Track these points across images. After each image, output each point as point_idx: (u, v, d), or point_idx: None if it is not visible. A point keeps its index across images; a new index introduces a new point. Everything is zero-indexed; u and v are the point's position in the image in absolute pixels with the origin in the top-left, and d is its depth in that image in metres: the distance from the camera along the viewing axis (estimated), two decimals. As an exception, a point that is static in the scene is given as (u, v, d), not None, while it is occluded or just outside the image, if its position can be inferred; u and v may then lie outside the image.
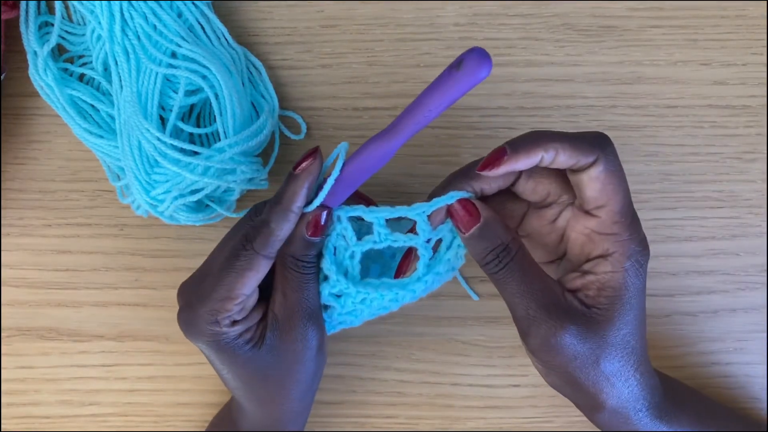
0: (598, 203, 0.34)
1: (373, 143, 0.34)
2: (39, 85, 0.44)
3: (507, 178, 0.36)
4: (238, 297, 0.35)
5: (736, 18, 0.46)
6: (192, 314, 0.36)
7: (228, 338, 0.36)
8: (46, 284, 0.46)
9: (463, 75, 0.31)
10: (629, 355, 0.35)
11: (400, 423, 0.46)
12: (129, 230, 0.46)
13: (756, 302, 0.46)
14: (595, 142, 0.34)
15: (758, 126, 0.46)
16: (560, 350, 0.34)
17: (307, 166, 0.34)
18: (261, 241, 0.34)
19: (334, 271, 0.36)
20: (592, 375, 0.34)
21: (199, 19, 0.44)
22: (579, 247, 0.36)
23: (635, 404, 0.36)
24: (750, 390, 0.46)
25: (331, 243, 0.36)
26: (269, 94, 0.46)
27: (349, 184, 0.35)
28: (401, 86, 0.46)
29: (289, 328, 0.36)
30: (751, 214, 0.46)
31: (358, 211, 0.36)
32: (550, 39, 0.46)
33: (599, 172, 0.33)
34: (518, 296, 0.34)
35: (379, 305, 0.37)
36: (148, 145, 0.41)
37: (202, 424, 0.46)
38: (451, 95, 0.32)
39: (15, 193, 0.46)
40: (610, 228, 0.34)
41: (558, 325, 0.33)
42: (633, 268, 0.34)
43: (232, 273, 0.35)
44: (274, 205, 0.35)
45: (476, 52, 0.31)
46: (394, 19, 0.47)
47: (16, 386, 0.46)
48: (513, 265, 0.34)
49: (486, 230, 0.34)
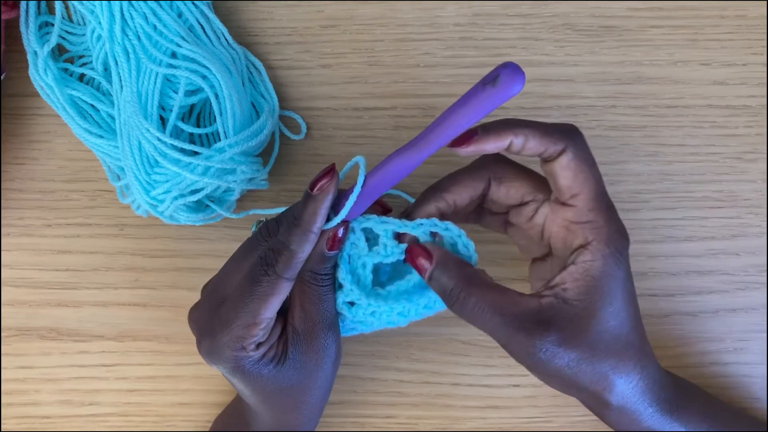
0: (572, 191, 0.34)
1: (399, 156, 0.34)
2: (39, 85, 0.44)
3: (476, 187, 0.37)
4: (263, 322, 0.35)
5: (736, 18, 0.46)
6: (215, 343, 0.35)
7: (252, 360, 0.36)
8: (46, 284, 0.46)
9: (498, 90, 0.31)
10: (625, 348, 0.34)
11: (400, 423, 0.46)
12: (129, 230, 0.46)
13: (756, 302, 0.46)
14: (564, 131, 0.34)
15: (758, 126, 0.46)
16: (549, 361, 0.33)
17: (324, 186, 0.34)
18: (283, 264, 0.34)
19: (349, 280, 0.36)
20: (589, 375, 0.34)
21: (199, 19, 0.44)
22: (561, 241, 0.36)
23: (642, 399, 0.35)
24: (750, 390, 0.46)
25: (346, 251, 0.36)
26: (269, 94, 0.46)
27: (369, 197, 0.35)
28: (401, 86, 0.46)
29: (310, 340, 0.36)
30: (751, 214, 0.46)
31: (371, 222, 0.36)
32: (550, 39, 0.46)
33: (569, 160, 0.34)
34: (493, 326, 0.34)
35: (388, 318, 0.37)
36: (148, 145, 0.41)
37: (203, 424, 0.46)
38: (484, 110, 0.32)
39: (15, 193, 0.46)
40: (587, 216, 0.34)
41: (538, 338, 0.33)
42: (613, 256, 0.34)
43: (254, 299, 0.34)
44: (293, 228, 0.35)
45: (511, 68, 0.31)
46: (394, 19, 0.47)
47: (16, 386, 0.46)
48: (480, 298, 0.34)
49: (441, 268, 0.35)
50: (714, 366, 0.46)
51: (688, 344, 0.46)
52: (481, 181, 0.37)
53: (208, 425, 0.46)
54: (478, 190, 0.37)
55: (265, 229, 0.37)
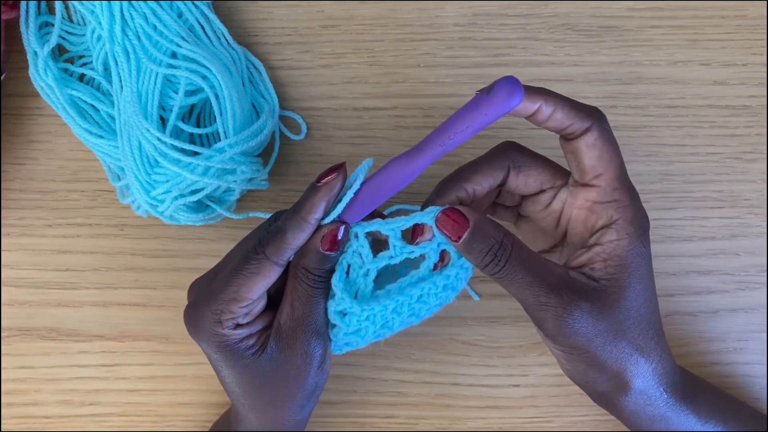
0: (596, 171, 0.34)
1: (396, 163, 0.34)
2: (39, 85, 0.44)
3: (496, 176, 0.36)
4: (244, 300, 0.35)
5: (736, 18, 0.46)
6: (197, 312, 0.36)
7: (230, 341, 0.36)
8: (46, 284, 0.46)
9: (491, 100, 0.31)
10: (647, 328, 0.35)
11: (400, 423, 0.46)
12: (129, 230, 0.46)
13: (756, 302, 0.46)
14: (592, 111, 0.34)
15: (758, 126, 0.46)
16: (578, 330, 0.33)
17: (329, 180, 0.34)
18: (273, 247, 0.35)
19: (341, 288, 0.35)
20: (615, 352, 0.34)
21: (199, 20, 0.44)
22: (582, 223, 0.36)
23: (659, 382, 0.35)
24: (750, 390, 0.46)
25: (346, 260, 0.36)
26: (269, 94, 0.46)
27: (368, 201, 0.35)
28: (401, 86, 0.46)
29: (292, 340, 0.36)
30: (751, 214, 0.46)
31: (375, 225, 0.35)
32: (550, 39, 0.46)
33: (595, 138, 0.34)
34: (526, 288, 0.34)
35: (383, 320, 0.36)
36: (148, 145, 0.41)
37: (202, 424, 0.46)
38: (479, 120, 0.31)
39: (15, 193, 0.46)
40: (612, 195, 0.34)
41: (571, 303, 0.33)
42: (637, 234, 0.34)
43: (241, 276, 0.35)
44: (291, 214, 0.35)
45: (508, 80, 0.31)
46: (394, 19, 0.47)
47: (16, 386, 0.46)
48: (512, 260, 0.34)
49: (477, 233, 0.34)
50: (714, 366, 0.46)
51: (688, 344, 0.46)
52: (501, 170, 0.36)
53: (207, 425, 0.46)
54: (498, 178, 0.36)
55: (273, 216, 0.37)
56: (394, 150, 0.46)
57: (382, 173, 0.34)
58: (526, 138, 0.46)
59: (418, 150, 0.34)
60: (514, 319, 0.46)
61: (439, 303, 0.38)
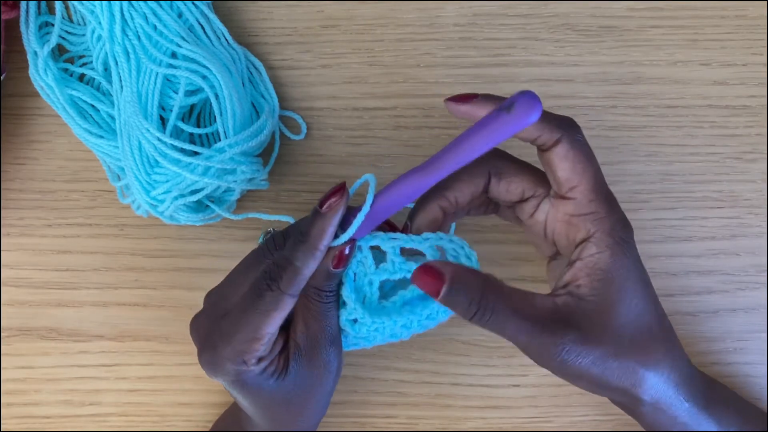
0: (570, 184, 0.34)
1: (409, 179, 0.34)
2: (39, 85, 0.44)
3: (477, 183, 0.36)
4: (265, 337, 0.34)
5: (736, 18, 0.46)
6: (216, 356, 0.35)
7: (253, 374, 0.35)
8: (46, 284, 0.46)
9: (512, 118, 0.30)
10: (650, 340, 0.33)
11: (400, 423, 0.46)
12: (129, 230, 0.46)
13: (756, 302, 0.46)
14: (562, 122, 0.34)
15: (758, 126, 0.46)
16: (574, 361, 0.33)
17: (334, 204, 0.34)
18: (287, 280, 0.34)
19: (353, 298, 0.36)
20: (617, 372, 0.33)
21: (199, 19, 0.44)
22: (564, 236, 0.35)
23: (676, 393, 0.34)
24: (750, 390, 0.46)
25: (351, 269, 0.36)
26: (269, 94, 0.46)
27: (377, 217, 0.35)
28: (401, 86, 0.46)
29: (312, 355, 0.36)
30: (751, 214, 0.46)
31: (377, 239, 0.35)
32: (550, 39, 0.46)
33: (566, 150, 0.33)
34: (518, 333, 0.33)
35: (392, 332, 0.37)
36: (148, 145, 0.41)
37: (203, 424, 0.46)
38: (498, 137, 0.31)
39: (15, 193, 0.46)
40: (587, 207, 0.34)
41: (558, 338, 0.32)
42: (618, 245, 0.33)
43: (257, 314, 0.34)
44: (299, 243, 0.34)
45: (528, 96, 0.30)
46: (394, 19, 0.47)
47: (16, 386, 0.46)
48: (498, 307, 0.33)
49: (455, 285, 0.33)
50: (714, 366, 0.46)
51: (688, 344, 0.46)
52: (482, 177, 0.36)
53: (208, 425, 0.46)
54: (479, 186, 0.36)
55: (271, 242, 0.36)
56: (394, 150, 0.46)
57: (394, 189, 0.34)
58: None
59: (432, 166, 0.33)
60: (514, 319, 0.46)
61: (446, 316, 0.38)
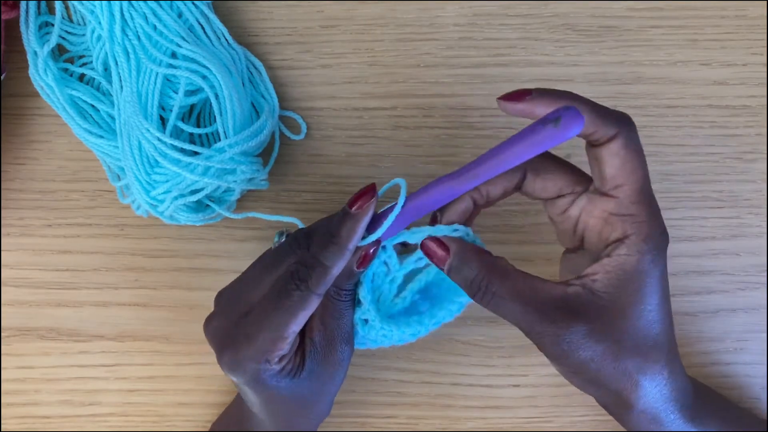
0: (617, 182, 0.33)
1: (444, 184, 0.34)
2: (39, 85, 0.44)
3: (511, 179, 0.36)
4: (290, 336, 0.34)
5: (736, 18, 0.46)
6: (238, 356, 0.35)
7: (273, 372, 0.35)
8: (46, 284, 0.46)
9: (558, 132, 0.30)
10: (653, 349, 0.33)
11: (400, 423, 0.46)
12: (129, 230, 0.46)
13: (756, 302, 0.46)
14: (619, 117, 0.33)
15: (758, 126, 0.46)
16: (575, 353, 0.33)
17: (364, 205, 0.34)
18: (316, 280, 0.34)
19: (369, 299, 0.36)
20: (614, 373, 0.33)
21: (199, 19, 0.44)
22: (597, 234, 0.34)
23: (665, 405, 0.34)
24: (750, 390, 0.46)
25: (371, 270, 0.36)
26: (269, 94, 0.46)
27: (406, 220, 0.35)
28: (401, 86, 0.46)
29: (328, 353, 0.36)
30: (751, 214, 0.46)
31: (402, 237, 0.35)
32: (550, 39, 0.46)
33: (619, 147, 0.33)
34: (518, 315, 0.33)
35: (399, 338, 0.38)
36: (148, 145, 0.41)
37: (203, 424, 0.46)
38: (539, 150, 0.31)
39: (15, 193, 0.46)
40: (629, 209, 0.33)
41: (565, 328, 0.32)
42: (650, 252, 0.33)
43: (283, 312, 0.34)
44: (329, 244, 0.34)
45: (573, 111, 0.30)
46: (394, 19, 0.47)
47: (16, 386, 0.46)
48: (500, 290, 0.33)
49: (460, 261, 0.34)
50: (714, 366, 0.46)
51: (688, 344, 0.46)
52: (517, 172, 0.35)
53: (208, 425, 0.46)
54: (513, 182, 0.36)
55: (295, 243, 0.36)
56: (394, 150, 0.46)
57: (425, 194, 0.34)
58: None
59: (470, 173, 0.33)
60: (514, 319, 0.46)
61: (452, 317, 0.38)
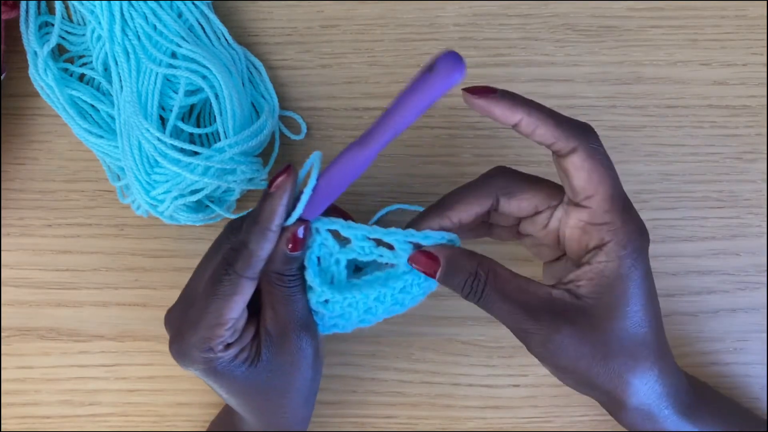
0: (586, 193, 0.34)
1: (348, 152, 0.34)
2: (39, 85, 0.44)
3: (483, 204, 0.36)
4: (228, 322, 0.34)
5: (736, 18, 0.46)
6: (183, 344, 0.35)
7: (224, 362, 0.35)
8: (46, 284, 0.46)
9: (435, 78, 0.30)
10: (641, 348, 0.34)
11: (400, 423, 0.46)
12: (129, 230, 0.46)
13: (756, 302, 0.46)
14: (578, 128, 0.34)
15: (758, 126, 0.46)
16: (562, 353, 0.33)
17: (281, 183, 0.33)
18: (242, 263, 0.34)
19: (318, 282, 0.35)
20: (603, 373, 0.34)
21: (199, 19, 0.44)
22: (576, 242, 0.35)
23: (658, 402, 0.35)
24: (750, 390, 0.46)
25: (314, 254, 0.35)
26: (269, 94, 0.46)
27: (326, 194, 0.34)
28: (401, 86, 0.46)
29: (283, 341, 0.36)
30: (751, 214, 0.46)
31: (336, 225, 0.35)
32: (550, 39, 0.46)
33: (582, 159, 0.33)
34: (506, 314, 0.34)
35: (366, 306, 0.37)
36: (148, 145, 0.41)
37: (203, 424, 0.46)
38: (424, 99, 0.31)
39: (15, 193, 0.46)
40: (602, 217, 0.34)
41: (552, 328, 0.33)
42: (630, 256, 0.33)
43: (217, 299, 0.34)
44: (251, 225, 0.34)
45: (449, 55, 0.30)
46: (394, 19, 0.47)
47: (16, 386, 0.46)
48: (488, 290, 0.34)
49: (450, 268, 0.34)
50: (714, 366, 0.46)
51: (688, 344, 0.46)
52: (489, 198, 0.36)
53: (207, 425, 0.46)
54: (485, 206, 0.36)
55: (229, 228, 0.36)
56: (394, 150, 0.46)
57: (336, 165, 0.34)
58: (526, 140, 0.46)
59: (368, 136, 0.33)
60: (514, 319, 0.46)
61: (422, 292, 0.37)
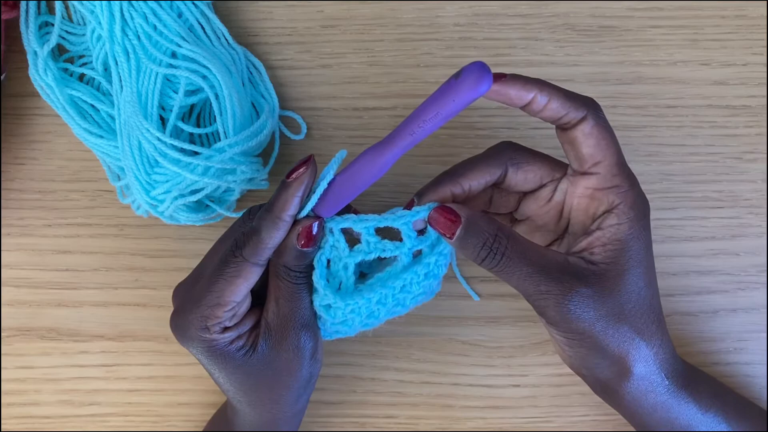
0: (595, 159, 0.35)
1: (368, 154, 0.34)
2: (39, 85, 0.44)
3: (493, 173, 0.37)
4: (228, 304, 0.35)
5: (736, 18, 0.46)
6: (183, 319, 0.36)
7: (219, 345, 0.36)
8: (46, 284, 0.46)
9: (460, 86, 0.30)
10: (648, 311, 0.35)
11: (400, 423, 0.46)
12: (129, 230, 0.46)
13: (756, 302, 0.46)
14: (586, 100, 0.35)
15: (758, 126, 0.46)
16: (579, 315, 0.34)
17: (299, 175, 0.34)
18: (250, 248, 0.34)
19: (323, 285, 0.35)
20: (616, 336, 0.34)
21: (199, 19, 0.44)
22: (583, 211, 0.36)
23: (660, 368, 0.36)
24: (750, 390, 0.46)
25: (324, 255, 0.35)
26: (269, 94, 0.46)
27: (341, 195, 0.34)
28: (401, 86, 0.46)
29: (281, 337, 0.36)
30: (751, 214, 0.46)
31: (349, 221, 0.35)
32: (550, 39, 0.46)
33: (591, 127, 0.34)
34: (525, 278, 0.34)
35: (368, 311, 0.37)
36: (148, 145, 0.41)
37: (202, 424, 0.46)
38: (448, 107, 0.31)
39: (15, 193, 0.46)
40: (611, 181, 0.35)
41: (571, 289, 0.33)
42: (638, 219, 0.35)
43: (222, 280, 0.34)
44: (264, 213, 0.34)
45: (477, 65, 0.30)
46: (394, 19, 0.47)
47: (16, 386, 0.46)
48: (509, 252, 0.34)
49: (470, 228, 0.34)
50: (714, 366, 0.46)
51: (688, 344, 0.46)
52: (498, 167, 0.37)
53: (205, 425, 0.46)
54: (495, 175, 0.37)
55: (248, 213, 0.37)
56: (394, 150, 0.46)
57: (355, 165, 0.34)
58: (527, 138, 0.46)
59: (389, 140, 0.33)
60: (514, 319, 0.46)
61: (422, 291, 0.38)
